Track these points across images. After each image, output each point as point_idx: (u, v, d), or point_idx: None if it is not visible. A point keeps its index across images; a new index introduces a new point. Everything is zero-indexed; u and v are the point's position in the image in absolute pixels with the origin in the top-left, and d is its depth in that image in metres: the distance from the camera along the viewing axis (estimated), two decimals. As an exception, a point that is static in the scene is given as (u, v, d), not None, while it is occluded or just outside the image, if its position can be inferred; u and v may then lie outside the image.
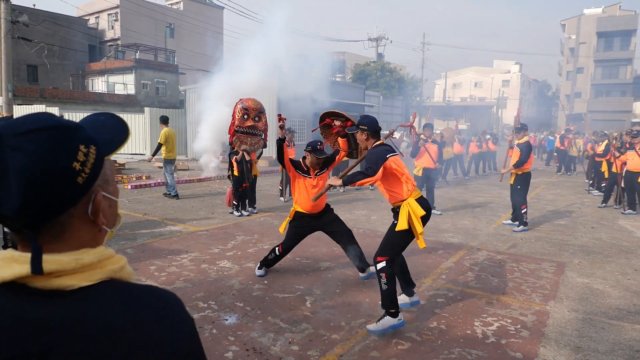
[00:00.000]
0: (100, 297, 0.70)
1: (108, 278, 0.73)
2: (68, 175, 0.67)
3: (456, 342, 3.59)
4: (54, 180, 0.66)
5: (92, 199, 0.73)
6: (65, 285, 0.68)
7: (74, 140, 0.68)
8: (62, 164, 0.66)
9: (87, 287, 0.69)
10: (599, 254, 6.24)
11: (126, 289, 0.74)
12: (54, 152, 0.66)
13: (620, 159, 9.46)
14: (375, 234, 6.99)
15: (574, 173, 17.54)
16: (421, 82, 44.13)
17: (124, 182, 12.17)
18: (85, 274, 0.70)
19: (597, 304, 4.42)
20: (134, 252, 5.84)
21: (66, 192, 0.67)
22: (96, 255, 0.72)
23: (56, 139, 0.67)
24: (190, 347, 0.74)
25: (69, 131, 0.69)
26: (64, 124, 0.69)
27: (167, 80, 30.90)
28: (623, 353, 3.45)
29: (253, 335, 3.61)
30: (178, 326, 0.73)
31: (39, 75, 32.04)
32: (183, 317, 0.75)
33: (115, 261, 0.75)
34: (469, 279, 5.09)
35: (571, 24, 53.58)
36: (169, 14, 39.00)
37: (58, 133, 0.67)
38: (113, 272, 0.74)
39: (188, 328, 0.75)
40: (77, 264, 0.69)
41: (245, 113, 8.34)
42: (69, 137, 0.68)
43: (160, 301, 0.75)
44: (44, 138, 0.66)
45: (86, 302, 0.68)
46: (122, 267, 0.76)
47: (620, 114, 46.99)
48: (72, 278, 0.69)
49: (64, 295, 0.68)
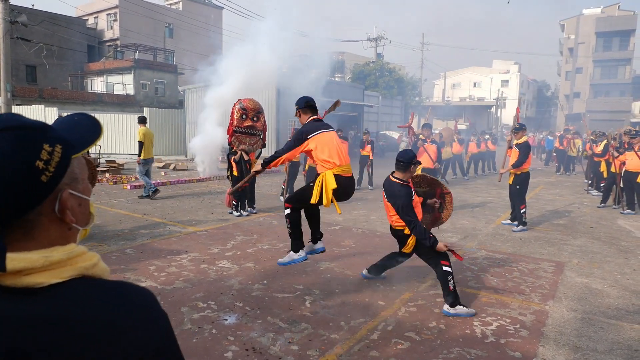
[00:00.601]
0: (70, 293, 0.71)
1: (79, 275, 0.74)
2: (31, 174, 0.68)
3: (455, 341, 3.59)
4: (17, 178, 0.67)
5: (59, 197, 0.74)
6: (35, 283, 0.69)
7: (38, 139, 0.70)
8: (26, 163, 0.67)
9: (58, 285, 0.71)
10: (598, 253, 6.25)
11: (97, 284, 0.75)
12: (17, 150, 0.67)
13: (619, 158, 9.47)
14: (374, 234, 7.00)
15: (573, 173, 17.55)
16: (420, 82, 44.13)
17: (123, 182, 12.16)
18: (55, 272, 0.71)
19: (596, 304, 4.42)
20: (133, 252, 5.84)
21: (30, 190, 0.68)
22: (65, 253, 0.73)
23: (20, 139, 0.68)
24: (165, 341, 0.76)
25: (34, 131, 0.70)
26: (30, 123, 0.71)
27: (166, 80, 30.89)
28: (622, 352, 3.46)
29: (252, 335, 3.61)
30: (152, 321, 0.75)
31: (38, 76, 32.01)
32: (157, 312, 0.77)
33: (87, 258, 0.76)
34: (468, 278, 5.10)
35: (570, 24, 53.65)
36: (168, 14, 38.99)
37: (23, 132, 0.69)
38: (85, 269, 0.75)
39: (162, 322, 0.77)
40: (45, 261, 0.70)
41: (243, 113, 8.34)
42: (33, 136, 0.70)
43: (134, 296, 0.76)
44: (9, 137, 0.68)
45: (56, 299, 0.70)
46: (94, 264, 0.76)
47: (619, 114, 47.05)
48: (41, 275, 0.70)
49: (35, 293, 0.69)
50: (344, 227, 7.48)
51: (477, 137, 16.88)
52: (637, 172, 8.85)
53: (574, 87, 53.11)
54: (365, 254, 5.98)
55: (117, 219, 7.77)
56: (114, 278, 0.79)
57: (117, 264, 5.34)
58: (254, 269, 5.27)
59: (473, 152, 16.72)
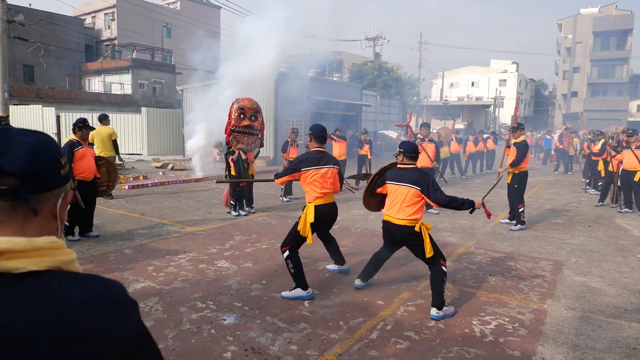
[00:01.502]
0: (47, 283, 0.74)
1: (56, 267, 0.77)
2: (57, 163, 0.84)
3: (454, 340, 3.59)
4: (50, 159, 0.82)
5: (64, 196, 0.85)
6: (13, 268, 0.72)
7: (60, 151, 0.88)
8: (56, 154, 0.84)
9: (34, 273, 0.74)
10: (596, 252, 6.26)
11: (72, 276, 0.79)
12: (53, 145, 0.85)
13: (616, 157, 9.49)
14: (373, 233, 7.00)
15: (571, 172, 17.57)
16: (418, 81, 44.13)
17: (121, 182, 12.14)
18: (35, 259, 0.75)
19: (595, 302, 4.43)
20: (131, 252, 5.83)
21: (55, 172, 0.82)
22: (47, 241, 0.78)
23: (53, 141, 0.86)
24: (139, 329, 0.81)
25: (56, 142, 0.88)
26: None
27: (164, 80, 30.81)
28: (620, 351, 3.46)
29: (251, 335, 3.60)
30: (126, 311, 0.79)
31: (35, 75, 31.90)
32: (130, 302, 0.81)
33: (66, 253, 0.80)
34: (467, 277, 5.10)
35: (568, 24, 53.75)
36: (165, 13, 38.90)
37: (53, 140, 0.87)
38: (62, 263, 0.79)
39: (136, 312, 0.82)
40: (28, 244, 0.74)
41: (241, 112, 8.33)
42: (57, 145, 0.87)
43: (106, 288, 0.80)
44: (50, 138, 0.86)
45: (34, 287, 0.72)
46: (71, 260, 0.81)
47: (616, 113, 47.19)
48: (21, 261, 0.73)
49: (12, 279, 0.72)
50: (342, 227, 7.48)
51: (475, 136, 16.89)
52: (635, 171, 8.87)
53: (571, 87, 53.23)
54: (364, 253, 5.98)
55: (115, 219, 7.75)
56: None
57: (116, 264, 5.32)
58: (253, 268, 5.26)
59: (471, 151, 16.74)
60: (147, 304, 4.15)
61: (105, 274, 4.82)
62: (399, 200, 4.14)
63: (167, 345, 3.41)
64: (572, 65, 52.95)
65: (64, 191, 0.86)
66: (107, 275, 4.86)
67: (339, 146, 11.48)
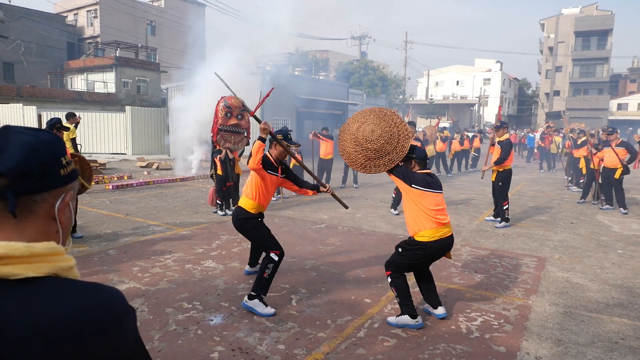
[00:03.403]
0: (45, 290, 0.72)
1: (54, 274, 0.76)
2: (57, 162, 0.81)
3: (441, 337, 3.63)
4: (46, 158, 0.79)
5: (63, 197, 0.82)
6: (10, 274, 0.70)
7: (64, 148, 0.85)
8: (57, 152, 0.81)
9: (32, 279, 0.72)
10: (579, 248, 6.38)
11: (71, 284, 0.77)
12: (55, 142, 0.82)
13: (597, 155, 9.67)
14: (360, 232, 7.02)
15: (554, 170, 17.86)
16: (404, 80, 44.38)
17: (105, 182, 11.97)
18: (33, 265, 0.73)
19: (577, 298, 4.51)
20: (116, 253, 5.75)
21: (52, 172, 0.79)
22: (47, 247, 0.76)
23: (56, 139, 0.84)
24: (137, 337, 0.80)
25: (63, 142, 0.87)
26: None
27: (149, 78, 30.41)
28: (602, 345, 3.53)
29: (239, 335, 3.59)
30: (127, 321, 0.78)
31: (16, 73, 31.25)
32: (129, 311, 0.80)
33: (65, 259, 0.78)
34: (453, 275, 5.15)
35: (550, 24, 54.57)
36: (149, 11, 38.41)
37: (58, 138, 0.85)
38: (61, 269, 0.77)
39: (134, 320, 0.81)
40: (26, 250, 0.72)
41: (228, 111, 8.29)
42: (62, 144, 0.85)
43: (106, 296, 0.78)
44: (51, 135, 0.83)
45: (32, 294, 0.71)
46: (70, 267, 0.79)
47: (597, 111, 48.12)
48: (19, 267, 0.71)
49: (9, 285, 0.70)
50: (329, 225, 7.49)
51: (460, 135, 17.06)
52: (615, 169, 9.05)
53: (554, 86, 54.06)
54: (351, 252, 6.00)
55: (99, 220, 7.64)
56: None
57: (100, 265, 5.25)
58: (240, 268, 5.24)
59: (456, 149, 16.90)
60: (132, 306, 4.10)
61: (89, 276, 4.76)
62: (444, 207, 3.88)
63: (154, 346, 3.38)
64: (555, 65, 53.79)
65: (65, 192, 0.83)
66: (92, 278, 4.78)
67: (326, 145, 11.49)
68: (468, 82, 63.03)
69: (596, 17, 50.26)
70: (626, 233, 7.35)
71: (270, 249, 4.11)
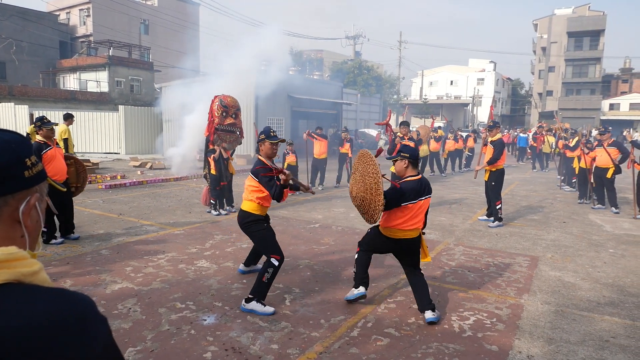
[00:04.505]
0: (3, 298, 0.68)
1: (15, 280, 0.71)
2: (20, 164, 0.78)
3: (434, 336, 3.64)
4: (11, 160, 0.76)
5: (28, 200, 0.79)
6: None
7: (30, 149, 0.82)
8: (20, 154, 0.78)
9: None
10: (571, 247, 6.43)
11: (33, 291, 0.71)
12: (18, 144, 0.79)
13: (589, 155, 9.75)
14: (354, 231, 7.03)
15: (546, 169, 17.97)
16: (398, 80, 44.49)
17: (97, 181, 11.90)
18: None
19: (569, 297, 4.55)
20: (109, 253, 5.72)
21: (14, 175, 0.76)
22: (4, 253, 0.71)
23: (22, 140, 0.81)
24: (109, 348, 0.74)
25: (30, 143, 0.83)
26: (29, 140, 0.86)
27: (142, 77, 30.25)
28: (593, 343, 3.57)
29: (232, 335, 3.58)
30: (93, 329, 0.72)
31: (7, 72, 30.96)
32: (96, 319, 0.74)
33: (27, 264, 0.73)
34: (446, 274, 5.17)
35: (543, 24, 54.93)
36: (142, 9, 38.21)
37: (25, 139, 0.82)
38: (22, 275, 0.72)
39: (102, 328, 0.74)
40: None
41: (224, 110, 8.27)
42: (29, 145, 0.82)
43: (71, 303, 0.72)
44: (15, 135, 0.80)
45: None
46: (34, 272, 0.74)
47: (589, 111, 48.53)
48: None
49: None
50: (323, 225, 7.49)
51: (454, 135, 17.12)
52: (607, 168, 9.12)
53: (546, 86, 54.45)
54: (345, 251, 6.01)
55: (92, 220, 7.60)
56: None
57: (93, 265, 5.22)
58: (233, 268, 5.23)
59: (450, 149, 16.96)
60: (125, 306, 4.08)
61: (81, 276, 4.73)
62: (420, 213, 3.93)
63: (146, 347, 3.36)
64: (548, 65, 54.17)
65: (30, 194, 0.79)
66: (84, 278, 4.74)
67: (320, 144, 11.49)
68: (462, 82, 63.29)
69: (588, 17, 50.68)
70: (618, 232, 7.41)
71: (272, 253, 4.11)
